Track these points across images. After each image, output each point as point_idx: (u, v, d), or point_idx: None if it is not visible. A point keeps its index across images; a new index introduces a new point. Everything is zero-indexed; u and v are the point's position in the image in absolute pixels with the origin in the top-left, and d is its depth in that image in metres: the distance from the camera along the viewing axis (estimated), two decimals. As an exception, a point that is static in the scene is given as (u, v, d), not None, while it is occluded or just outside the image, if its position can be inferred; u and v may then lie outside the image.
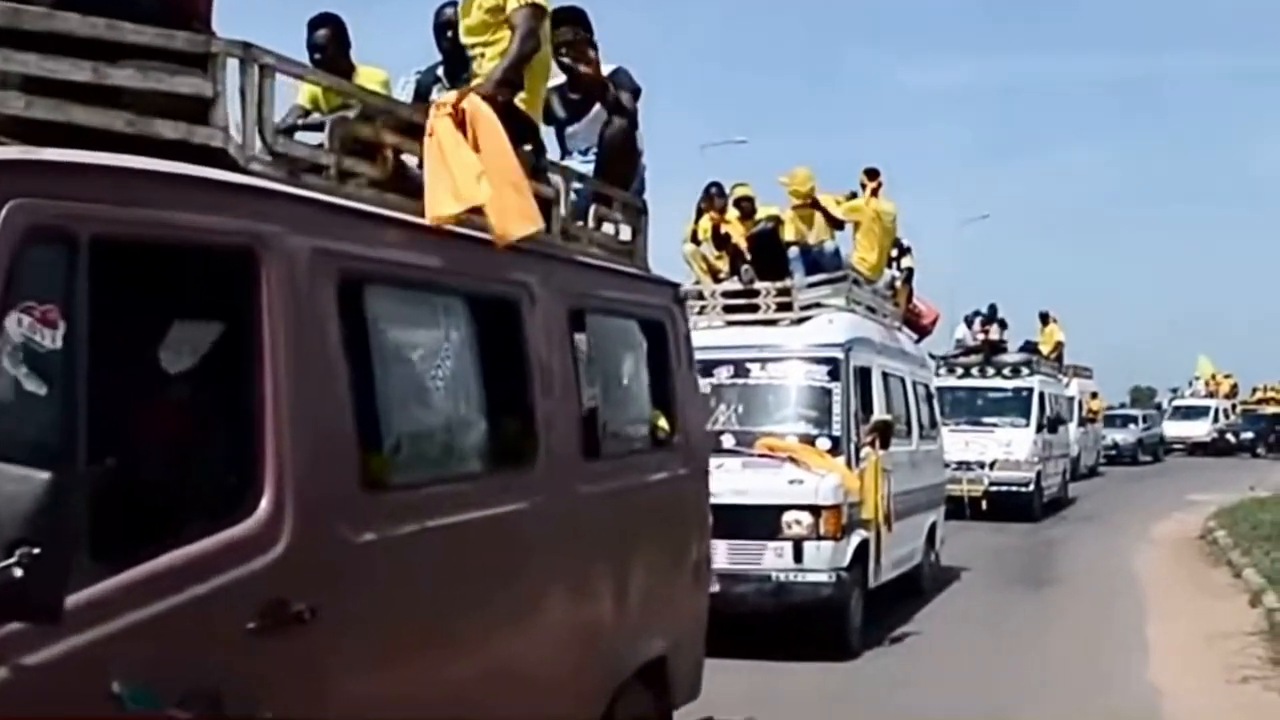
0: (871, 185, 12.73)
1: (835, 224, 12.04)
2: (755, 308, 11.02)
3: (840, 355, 10.34)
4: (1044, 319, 26.13)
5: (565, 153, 6.14)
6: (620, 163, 5.96)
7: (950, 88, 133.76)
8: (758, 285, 11.03)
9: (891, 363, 11.95)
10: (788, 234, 11.76)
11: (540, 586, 4.37)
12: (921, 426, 12.93)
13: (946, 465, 17.81)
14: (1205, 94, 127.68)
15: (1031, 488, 20.36)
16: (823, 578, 9.41)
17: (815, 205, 11.81)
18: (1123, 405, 47.50)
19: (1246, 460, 38.16)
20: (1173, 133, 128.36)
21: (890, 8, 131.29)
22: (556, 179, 5.08)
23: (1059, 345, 25.70)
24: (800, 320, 10.92)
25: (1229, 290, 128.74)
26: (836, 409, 10.11)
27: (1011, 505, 20.08)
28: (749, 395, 10.56)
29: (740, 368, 10.51)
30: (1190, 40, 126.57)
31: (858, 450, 10.09)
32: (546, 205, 4.66)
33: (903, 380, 12.37)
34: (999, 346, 22.55)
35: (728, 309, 11.18)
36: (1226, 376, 47.74)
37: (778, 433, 10.13)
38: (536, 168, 4.75)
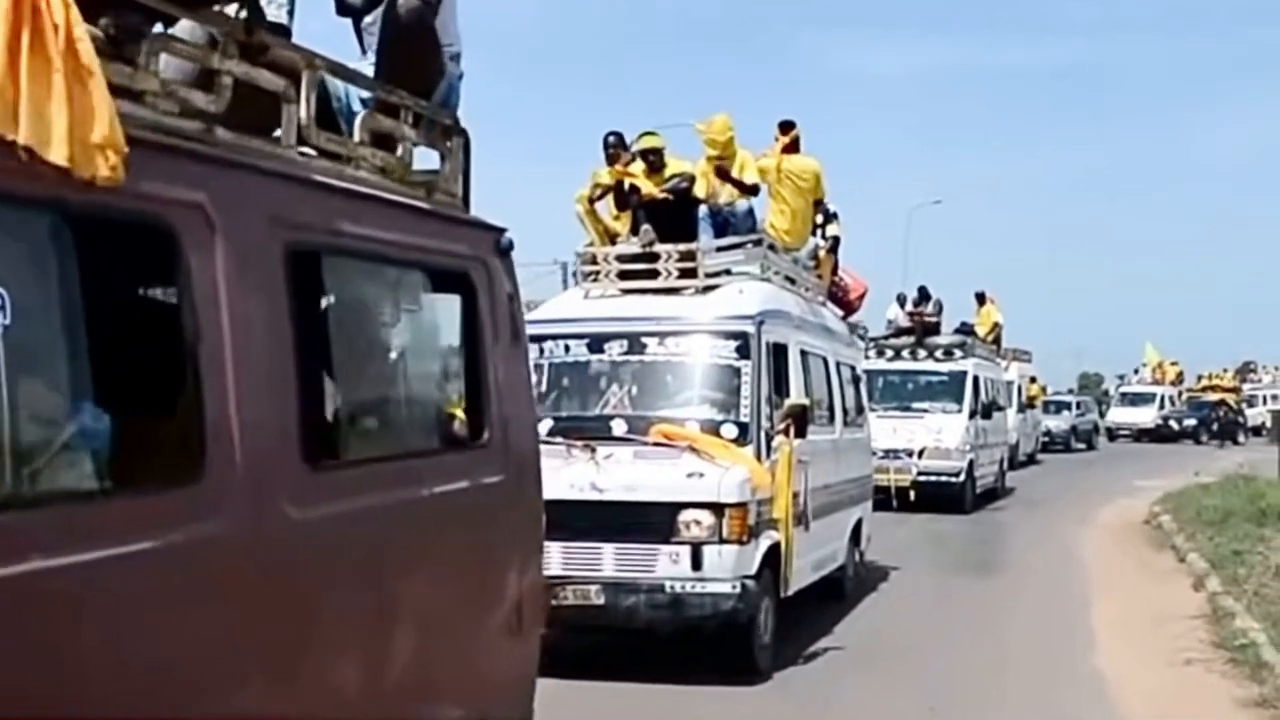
0: (784, 140, 11.42)
1: (746, 190, 10.70)
2: (655, 274, 9.70)
3: (750, 329, 9.05)
4: (980, 299, 25.01)
5: (363, 51, 4.67)
6: (409, 55, 4.35)
7: (898, 73, 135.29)
8: (658, 248, 9.68)
9: (812, 340, 10.72)
10: (698, 192, 10.42)
11: (217, 660, 2.94)
12: (846, 412, 11.72)
13: (874, 454, 16.91)
14: (1151, 80, 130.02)
15: (963, 478, 19.31)
16: (725, 588, 8.16)
17: (723, 175, 10.47)
18: (1070, 391, 48.92)
19: (1189, 447, 38.45)
20: (1122, 119, 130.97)
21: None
22: (292, 60, 3.58)
23: (996, 326, 24.63)
24: (706, 289, 9.64)
25: (1178, 277, 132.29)
26: (745, 391, 8.84)
27: (941, 496, 19.13)
28: (644, 374, 9.30)
29: (635, 342, 9.20)
30: (1136, 26, 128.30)
31: (769, 439, 8.83)
32: (271, 101, 3.23)
33: (825, 360, 11.13)
34: (931, 327, 21.41)
35: (623, 275, 9.85)
36: (1173, 364, 48.76)
37: (676, 418, 8.87)
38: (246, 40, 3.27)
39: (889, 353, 21.00)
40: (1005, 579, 13.39)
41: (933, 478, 19.07)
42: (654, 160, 10.26)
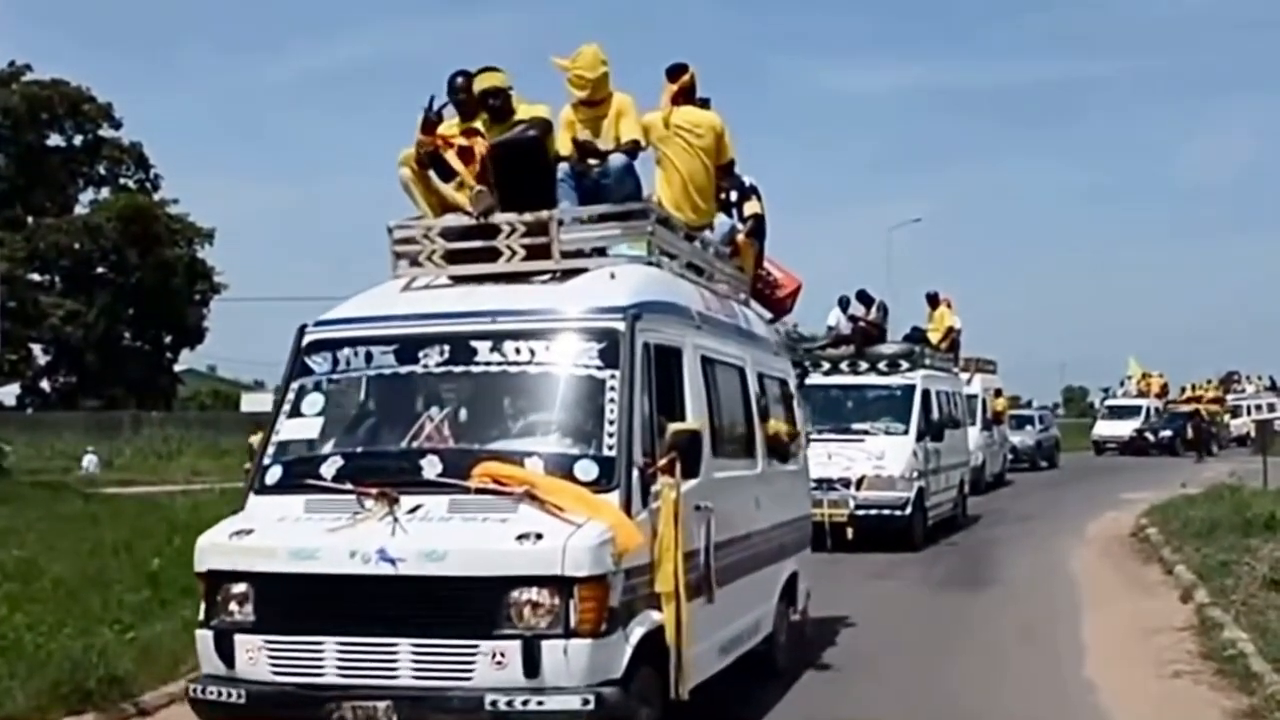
0: (671, 89, 9.10)
1: (627, 151, 8.36)
2: (494, 254, 7.33)
3: (620, 327, 6.76)
4: (932, 300, 22.73)
5: None
6: None
7: (876, 93, 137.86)
8: (498, 219, 7.33)
9: (720, 345, 8.47)
10: (561, 146, 8.12)
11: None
12: (775, 439, 9.39)
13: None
14: (1130, 100, 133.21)
15: (909, 510, 17.13)
16: (573, 702, 5.85)
17: (585, 148, 8.17)
18: (1058, 406, 51.52)
19: (1167, 460, 38.90)
20: (1102, 137, 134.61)
21: (817, 15, 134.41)
22: None
23: (951, 332, 22.40)
24: (565, 274, 7.32)
25: (1161, 290, 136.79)
26: (611, 413, 6.51)
27: (884, 532, 16.98)
28: (472, 392, 7.01)
29: (460, 347, 6.88)
30: (1118, 44, 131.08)
31: (646, 480, 6.47)
32: None
33: (741, 371, 8.88)
34: (874, 335, 19.19)
35: (452, 257, 7.47)
36: (1159, 376, 50.46)
37: (512, 453, 6.51)
38: None
39: (824, 365, 18.78)
40: (992, 593, 13.74)
41: (874, 511, 16.85)
42: (496, 105, 7.90)
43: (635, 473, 6.41)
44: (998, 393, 29.97)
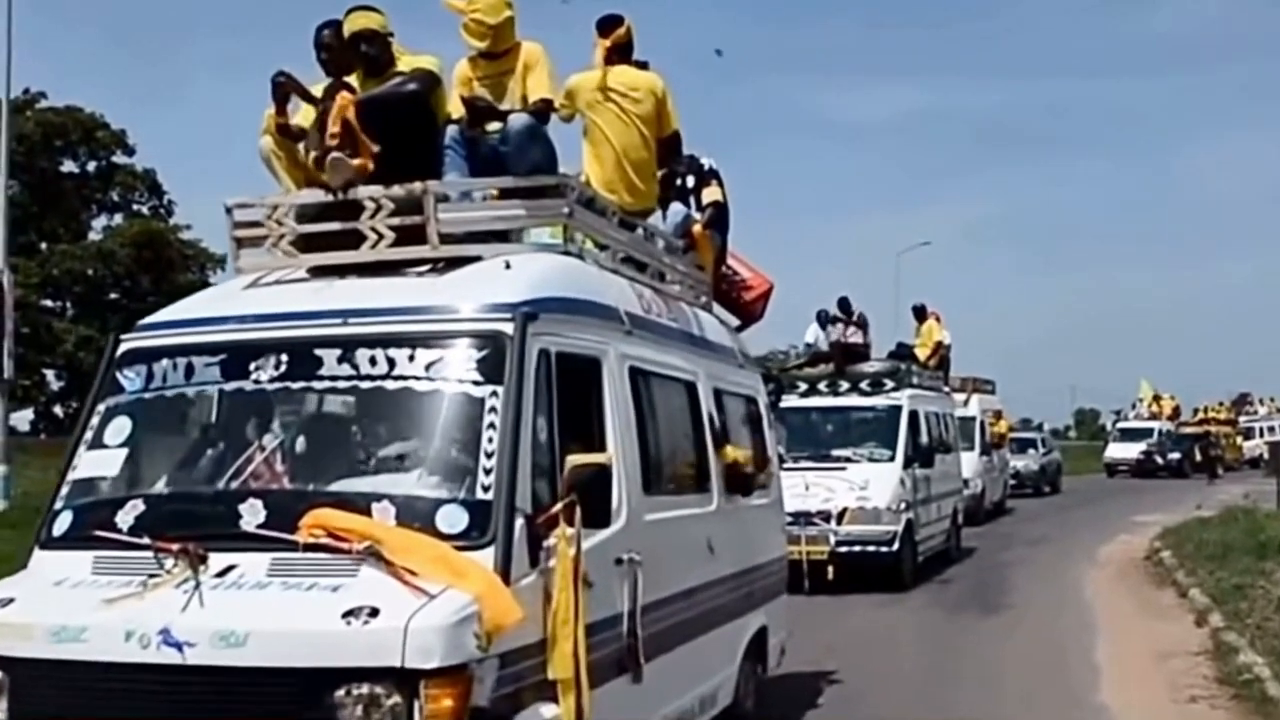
0: (604, 44, 7.61)
1: (533, 111, 6.79)
2: (358, 239, 5.81)
3: (507, 330, 5.25)
4: (919, 314, 21.18)
5: None
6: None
7: (881, 119, 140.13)
8: (361, 194, 5.81)
9: (663, 356, 7.04)
10: (454, 108, 6.63)
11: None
12: (736, 469, 7.88)
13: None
14: (1142, 121, 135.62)
15: (897, 545, 15.56)
16: None
17: (478, 108, 6.66)
18: (1069, 429, 53.27)
19: (1177, 482, 38.54)
20: (1115, 159, 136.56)
21: (822, 39, 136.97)
22: None
23: (940, 347, 20.83)
24: (448, 264, 5.79)
25: (1173, 312, 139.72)
26: (489, 443, 4.97)
27: (868, 571, 15.47)
28: (314, 414, 5.50)
29: (301, 358, 5.37)
30: (1130, 64, 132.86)
31: (535, 531, 4.95)
32: None
33: (691, 387, 7.41)
34: (855, 351, 17.67)
35: (308, 243, 5.95)
36: (1170, 398, 50.59)
37: (356, 496, 4.98)
38: None
39: (801, 385, 17.26)
40: (1003, 618, 13.71)
41: (857, 547, 15.31)
42: (371, 53, 6.38)
43: (520, 522, 4.88)
44: (997, 415, 28.56)
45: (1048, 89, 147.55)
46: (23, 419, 56.82)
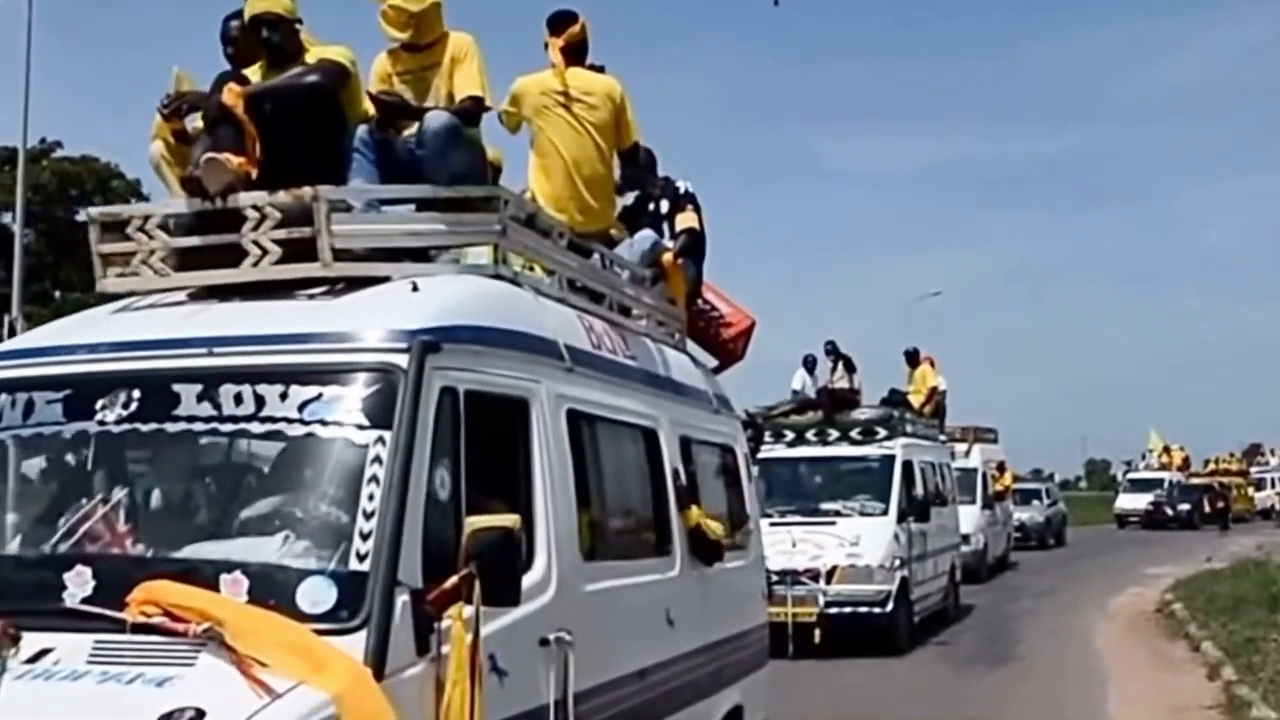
0: (556, 44, 6.73)
1: (467, 113, 5.88)
2: (237, 256, 4.93)
3: (400, 363, 4.34)
4: (911, 359, 20.30)
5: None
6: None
7: (897, 171, 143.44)
8: (243, 201, 4.93)
9: (614, 399, 6.13)
10: (368, 105, 5.77)
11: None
12: (700, 531, 6.95)
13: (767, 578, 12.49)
14: (1153, 166, 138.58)
15: (890, 606, 14.60)
16: None
17: (390, 105, 5.79)
18: (1079, 480, 55.17)
19: (1187, 534, 38.70)
20: (1123, 205, 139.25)
21: (836, 94, 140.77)
22: None
23: (934, 393, 19.91)
24: (346, 286, 4.90)
25: (1183, 361, 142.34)
26: (370, 501, 4.06)
27: (860, 633, 14.53)
28: (167, 462, 4.53)
29: (154, 395, 4.48)
30: (1135, 114, 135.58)
31: (424, 611, 4.03)
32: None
33: (650, 435, 6.51)
34: (845, 398, 16.76)
35: (185, 259, 5.07)
36: (1180, 449, 51.31)
37: (201, 564, 4.06)
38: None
39: (787, 434, 16.35)
40: (1011, 670, 13.84)
41: (847, 609, 14.36)
42: (275, 41, 5.49)
43: (403, 599, 3.96)
44: (1000, 465, 27.61)
45: (1062, 138, 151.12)
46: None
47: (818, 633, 14.16)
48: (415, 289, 4.81)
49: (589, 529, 5.57)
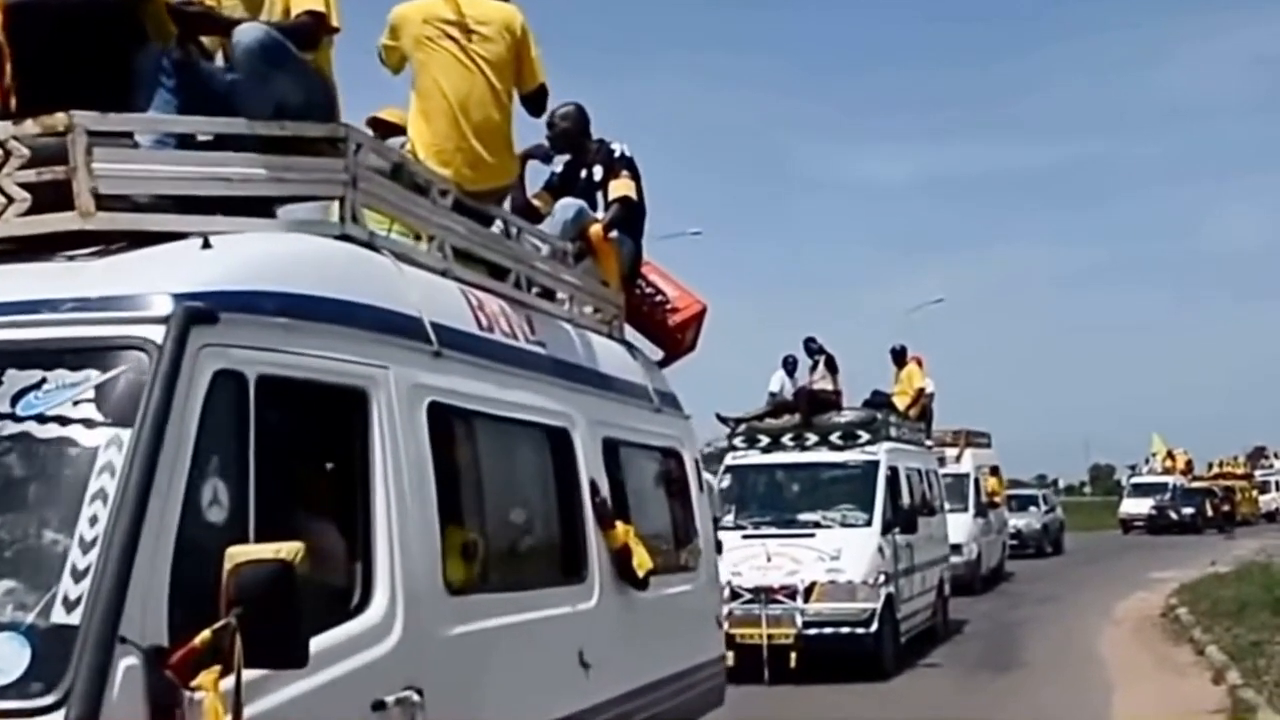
0: None
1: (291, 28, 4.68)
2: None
3: (152, 338, 3.24)
4: (898, 358, 19.11)
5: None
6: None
7: (898, 181, 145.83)
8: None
9: (508, 393, 5.06)
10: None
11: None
12: (625, 553, 5.82)
13: (737, 596, 12.86)
14: (1153, 170, 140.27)
15: (875, 625, 13.43)
16: None
17: (193, 18, 4.60)
18: (1084, 485, 56.67)
19: (1188, 539, 38.26)
20: (1126, 214, 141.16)
21: (839, 104, 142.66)
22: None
23: (921, 395, 18.70)
24: (123, 245, 3.78)
25: (1186, 364, 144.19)
26: (89, 526, 2.90)
27: (842, 656, 13.38)
28: None
29: None
30: (1133, 120, 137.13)
31: (162, 679, 2.87)
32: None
33: (562, 439, 5.43)
34: (824, 399, 15.62)
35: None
36: (1183, 453, 51.12)
37: None
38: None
39: (762, 439, 15.21)
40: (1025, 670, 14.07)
41: (829, 629, 13.21)
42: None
43: (128, 662, 2.82)
44: (993, 470, 26.46)
45: (1066, 144, 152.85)
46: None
47: (795, 656, 13.04)
48: (207, 245, 3.68)
49: (461, 554, 4.46)
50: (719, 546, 7.79)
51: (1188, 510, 43.84)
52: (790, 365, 16.52)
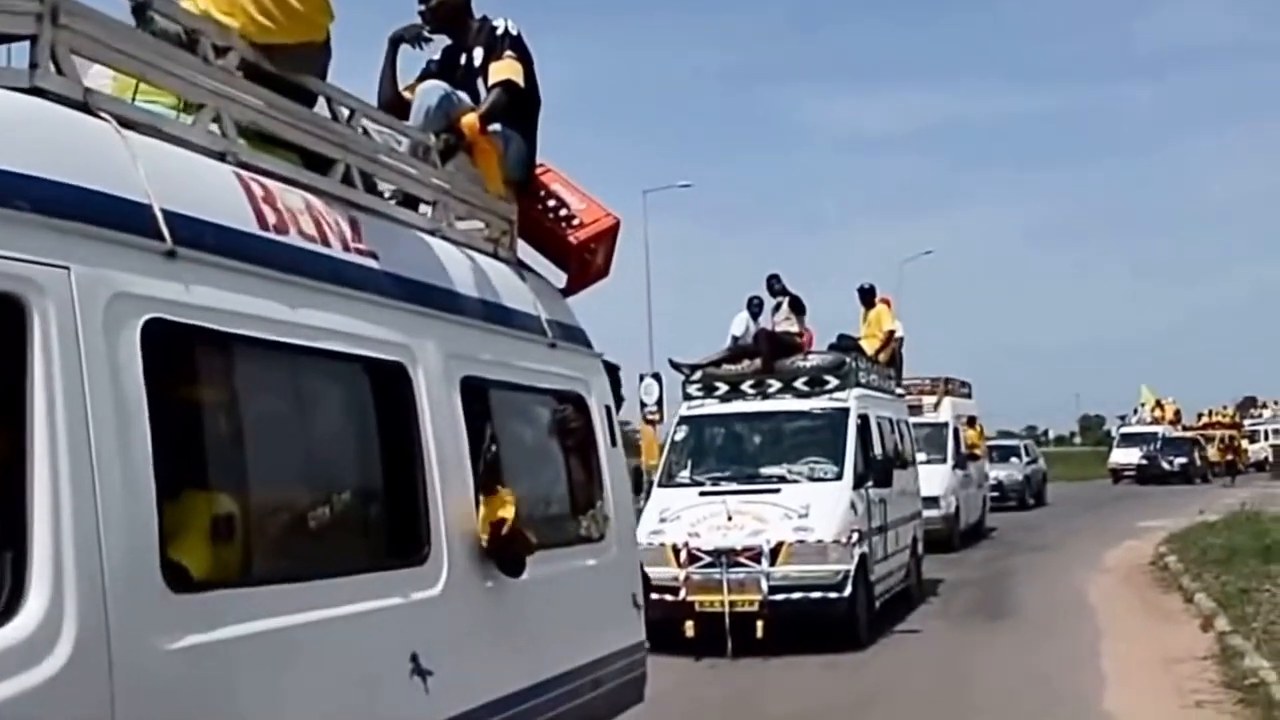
0: None
1: None
2: None
3: None
4: (866, 298, 17.73)
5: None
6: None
7: (890, 131, 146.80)
8: None
9: (289, 311, 3.78)
10: None
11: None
12: (497, 522, 4.55)
13: (695, 560, 11.96)
14: (1146, 122, 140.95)
15: (848, 589, 12.19)
16: None
17: None
18: (1073, 435, 58.55)
19: (1179, 488, 37.89)
20: (1117, 162, 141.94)
21: (827, 51, 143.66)
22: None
23: (891, 339, 17.36)
24: None
25: (1175, 315, 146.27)
26: None
27: (812, 623, 12.14)
28: None
29: None
30: (1127, 69, 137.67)
31: None
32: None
33: (397, 376, 4.30)
34: (788, 342, 14.32)
35: None
36: (1172, 403, 51.98)
37: None
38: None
39: (720, 387, 13.92)
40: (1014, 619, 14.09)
41: (796, 595, 11.98)
42: None
43: None
44: (971, 420, 25.28)
45: (1057, 95, 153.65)
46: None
47: (761, 625, 11.83)
48: None
49: (207, 533, 3.18)
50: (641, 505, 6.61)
51: (1180, 460, 43.88)
52: (755, 307, 15.18)
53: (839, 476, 13.04)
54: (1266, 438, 52.44)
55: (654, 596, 12.22)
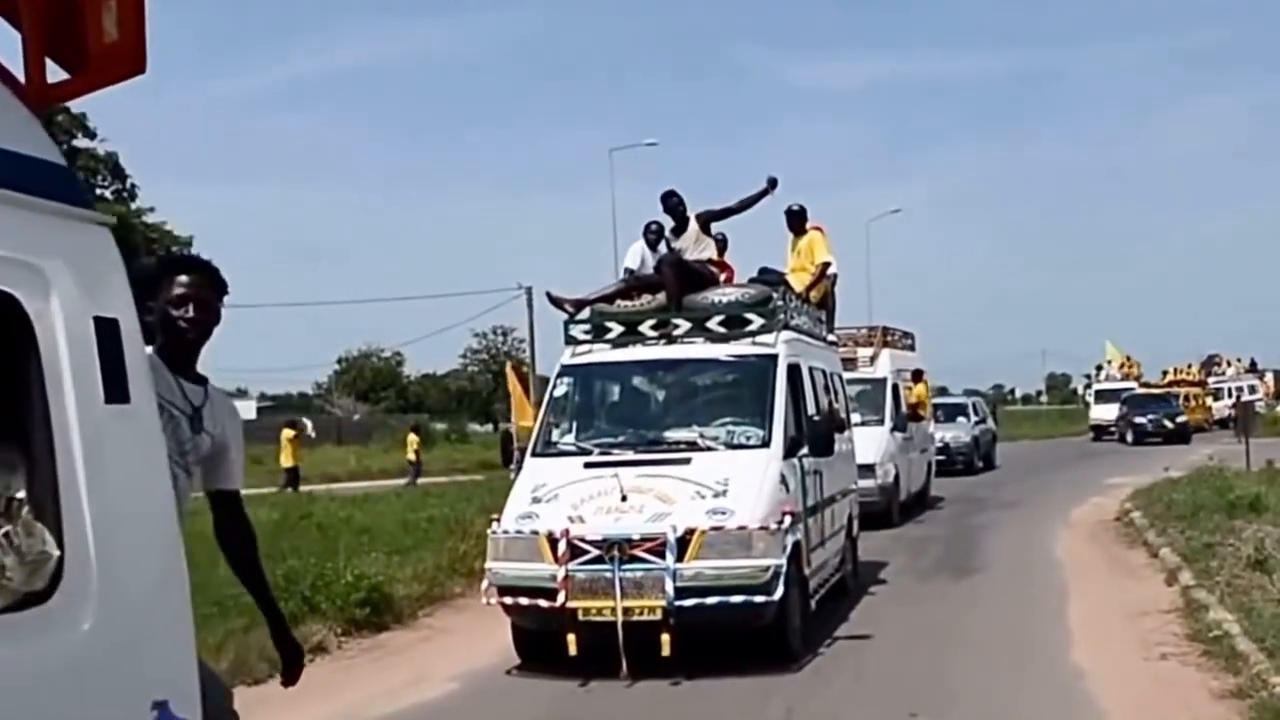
0: None
1: None
2: None
3: None
4: (795, 222, 14.61)
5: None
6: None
7: (855, 87, 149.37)
8: None
9: None
10: None
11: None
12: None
13: (578, 554, 9.49)
14: (1108, 83, 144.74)
15: (779, 589, 9.40)
16: None
17: None
18: (1040, 394, 61.50)
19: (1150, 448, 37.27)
20: (1079, 123, 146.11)
21: (789, 8, 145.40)
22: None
23: (824, 272, 14.29)
24: None
25: (1139, 274, 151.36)
26: None
27: (733, 634, 9.54)
28: None
29: None
30: (1088, 31, 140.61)
31: None
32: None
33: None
34: (697, 272, 11.39)
35: None
36: (1133, 361, 54.15)
37: None
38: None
39: (612, 329, 10.99)
40: (981, 576, 14.46)
41: (712, 599, 9.20)
42: None
43: None
44: (917, 374, 22.90)
45: (1019, 56, 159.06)
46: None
47: (666, 638, 9.06)
48: None
49: None
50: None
51: (1180, 418, 42.75)
52: (653, 234, 12.24)
53: (765, 443, 10.24)
54: (1230, 395, 51.82)
55: (524, 601, 9.47)
